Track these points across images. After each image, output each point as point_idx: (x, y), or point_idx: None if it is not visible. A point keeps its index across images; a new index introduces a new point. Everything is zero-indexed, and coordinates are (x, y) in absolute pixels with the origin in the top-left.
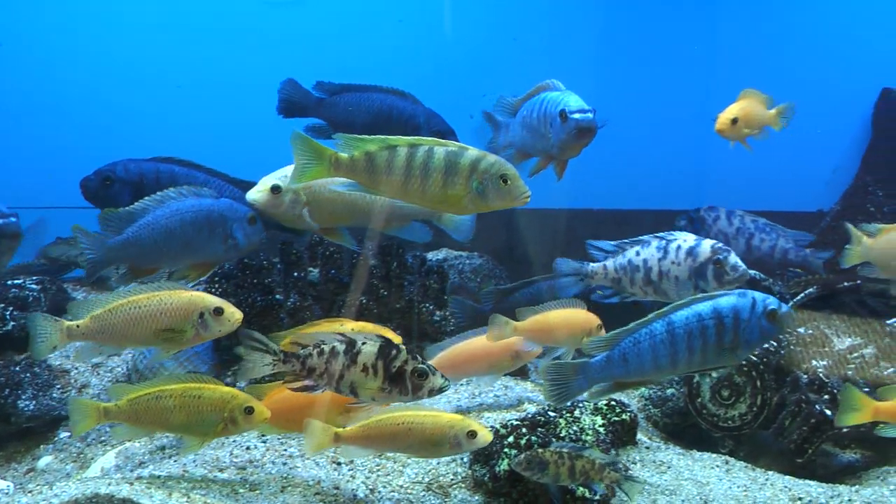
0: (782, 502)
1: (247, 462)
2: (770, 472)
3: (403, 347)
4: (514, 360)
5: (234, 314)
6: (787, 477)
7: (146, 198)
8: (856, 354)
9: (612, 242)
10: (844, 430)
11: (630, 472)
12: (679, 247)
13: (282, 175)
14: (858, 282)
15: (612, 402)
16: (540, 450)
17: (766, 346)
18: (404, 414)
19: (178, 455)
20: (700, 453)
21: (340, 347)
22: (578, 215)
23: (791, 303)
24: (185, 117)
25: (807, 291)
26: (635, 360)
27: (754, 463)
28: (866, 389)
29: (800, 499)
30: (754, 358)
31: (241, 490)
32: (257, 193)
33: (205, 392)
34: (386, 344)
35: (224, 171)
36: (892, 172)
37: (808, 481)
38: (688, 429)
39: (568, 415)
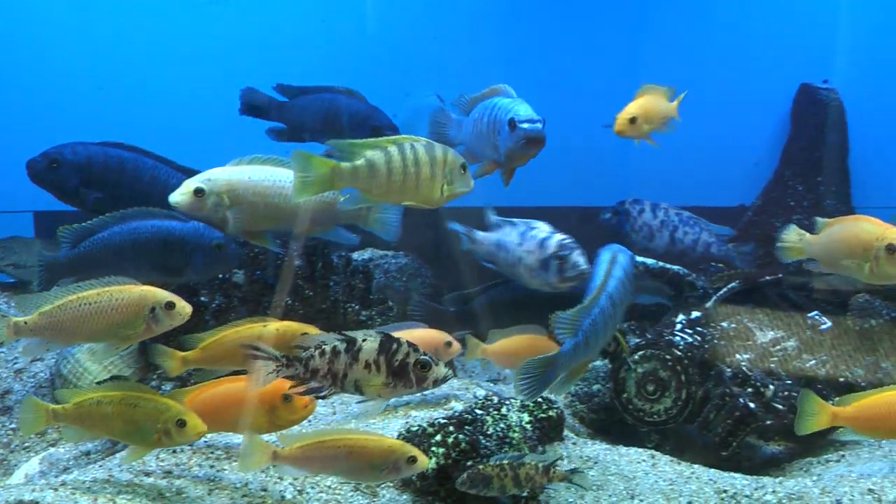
0: (708, 495)
1: (173, 465)
2: (695, 466)
3: (404, 341)
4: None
5: (184, 308)
6: (713, 470)
7: (108, 215)
8: (778, 347)
9: (501, 218)
10: (768, 423)
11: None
12: (534, 236)
13: (205, 178)
14: (780, 276)
15: (540, 399)
16: (481, 466)
17: (690, 339)
18: (346, 436)
19: (105, 460)
20: (626, 448)
21: (341, 346)
22: (503, 213)
23: (714, 297)
24: (108, 118)
25: (729, 286)
26: (594, 340)
27: (680, 457)
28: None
29: (725, 491)
30: (678, 352)
31: (168, 494)
32: (180, 196)
33: (140, 402)
34: (386, 339)
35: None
36: (811, 166)
37: (733, 474)
38: (614, 424)
39: (495, 412)
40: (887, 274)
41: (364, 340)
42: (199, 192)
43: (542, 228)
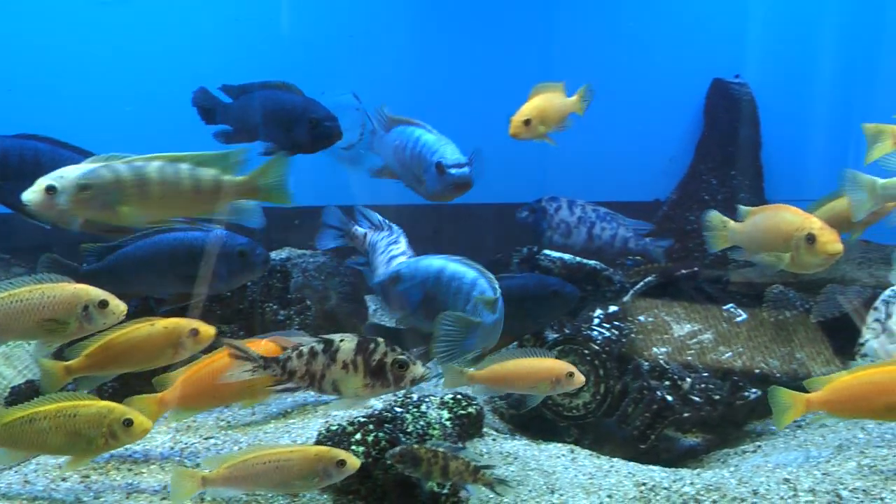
0: (627, 488)
1: (90, 470)
2: (615, 459)
3: (381, 341)
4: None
5: (118, 306)
6: (632, 463)
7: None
8: (695, 340)
9: (381, 217)
10: (685, 415)
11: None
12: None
13: (57, 175)
14: (696, 269)
15: (459, 396)
16: (416, 446)
17: (608, 334)
18: (271, 451)
19: (20, 465)
20: (546, 443)
21: (319, 347)
22: (420, 211)
23: (631, 292)
24: (13, 120)
25: (646, 280)
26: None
27: (599, 450)
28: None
29: (644, 484)
30: (596, 347)
31: (86, 499)
32: (31, 194)
33: (80, 409)
34: (363, 339)
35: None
36: (725, 161)
37: (651, 466)
38: (533, 419)
39: (415, 409)
40: (807, 263)
41: (342, 341)
42: (50, 189)
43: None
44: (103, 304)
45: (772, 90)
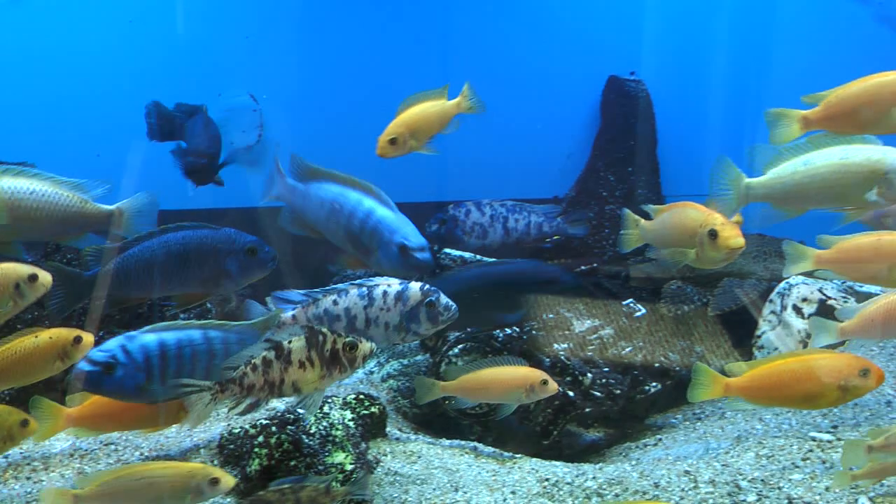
0: (530, 484)
1: None
2: (518, 456)
3: (324, 329)
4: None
5: (46, 277)
6: (535, 459)
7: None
8: (595, 336)
9: (301, 292)
10: (587, 410)
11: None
12: (385, 292)
13: None
14: (595, 264)
15: (362, 396)
16: (262, 492)
17: (510, 331)
18: (144, 468)
19: None
20: (449, 441)
21: (271, 355)
22: None
23: None
24: None
25: None
26: None
27: (502, 447)
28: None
29: (547, 479)
30: (498, 344)
31: None
32: None
33: None
34: (309, 334)
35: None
36: (622, 157)
37: (554, 462)
38: (437, 418)
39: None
40: (711, 258)
41: (289, 343)
42: None
43: (386, 283)
44: (33, 279)
45: (667, 87)
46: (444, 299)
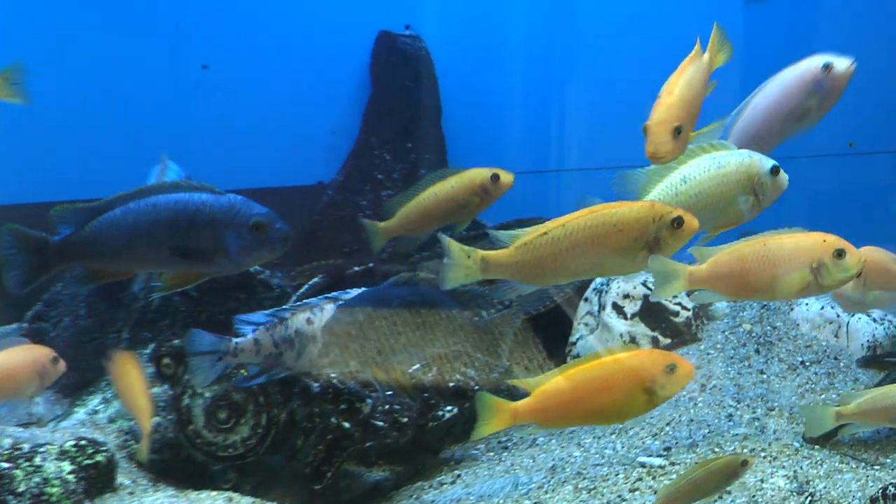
0: None
1: None
2: None
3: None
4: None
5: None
6: None
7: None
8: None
9: (266, 312)
10: (368, 444)
11: None
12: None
13: None
14: (371, 265)
15: (83, 442)
16: None
17: None
18: None
19: None
20: (197, 493)
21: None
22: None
23: (295, 297)
24: None
25: (312, 281)
26: None
27: (265, 496)
28: None
29: None
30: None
31: None
32: None
33: None
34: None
35: None
36: (400, 131)
37: None
38: (181, 464)
39: (26, 464)
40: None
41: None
42: None
43: None
44: None
45: (451, 44)
46: None
